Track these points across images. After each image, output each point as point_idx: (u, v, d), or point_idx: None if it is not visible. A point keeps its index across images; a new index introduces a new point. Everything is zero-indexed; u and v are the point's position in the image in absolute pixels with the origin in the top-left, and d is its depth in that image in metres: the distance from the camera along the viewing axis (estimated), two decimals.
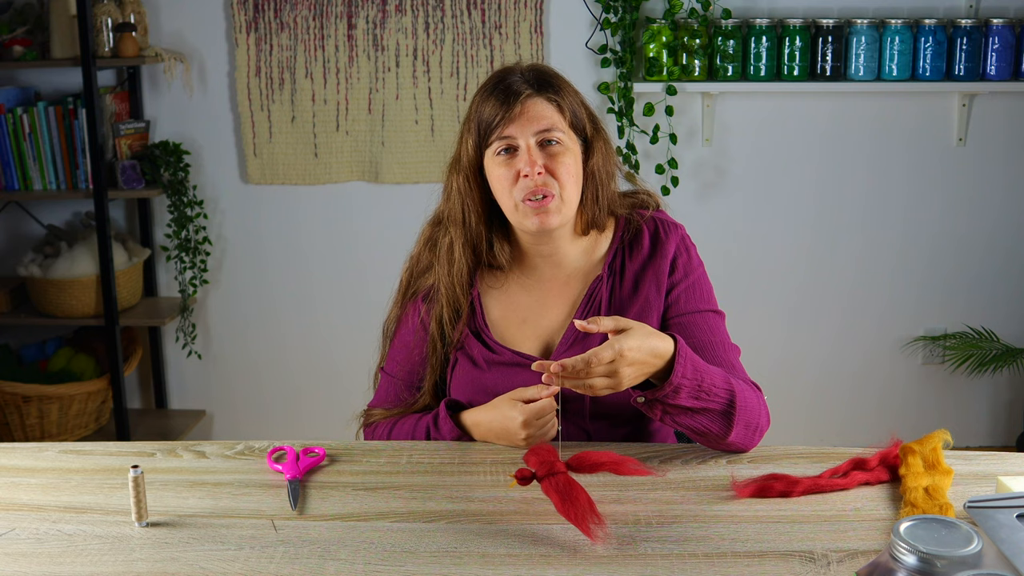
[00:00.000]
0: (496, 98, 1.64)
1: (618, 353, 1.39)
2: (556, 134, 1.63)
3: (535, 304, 1.74)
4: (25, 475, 1.55)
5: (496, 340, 1.72)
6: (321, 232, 3.57)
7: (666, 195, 3.39)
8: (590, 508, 1.34)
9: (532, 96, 1.63)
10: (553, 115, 1.64)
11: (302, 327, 3.65)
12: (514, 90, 1.63)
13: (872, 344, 3.60)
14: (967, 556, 1.06)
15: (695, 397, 1.47)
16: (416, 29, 3.38)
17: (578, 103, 1.69)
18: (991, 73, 3.29)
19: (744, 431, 1.55)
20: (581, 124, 1.67)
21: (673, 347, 1.45)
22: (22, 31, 3.32)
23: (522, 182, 1.61)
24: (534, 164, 1.60)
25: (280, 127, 3.46)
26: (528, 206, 1.62)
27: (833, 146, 3.46)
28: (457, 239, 1.71)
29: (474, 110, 1.66)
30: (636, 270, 1.71)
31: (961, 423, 3.63)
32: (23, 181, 3.35)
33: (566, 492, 1.36)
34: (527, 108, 1.62)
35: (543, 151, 1.62)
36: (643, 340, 1.41)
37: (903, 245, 3.52)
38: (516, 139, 1.62)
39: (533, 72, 1.67)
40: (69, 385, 3.35)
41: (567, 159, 1.63)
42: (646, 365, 1.42)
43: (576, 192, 1.65)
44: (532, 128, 1.62)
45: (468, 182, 1.68)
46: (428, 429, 1.70)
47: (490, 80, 1.67)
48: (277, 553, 1.32)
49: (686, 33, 3.29)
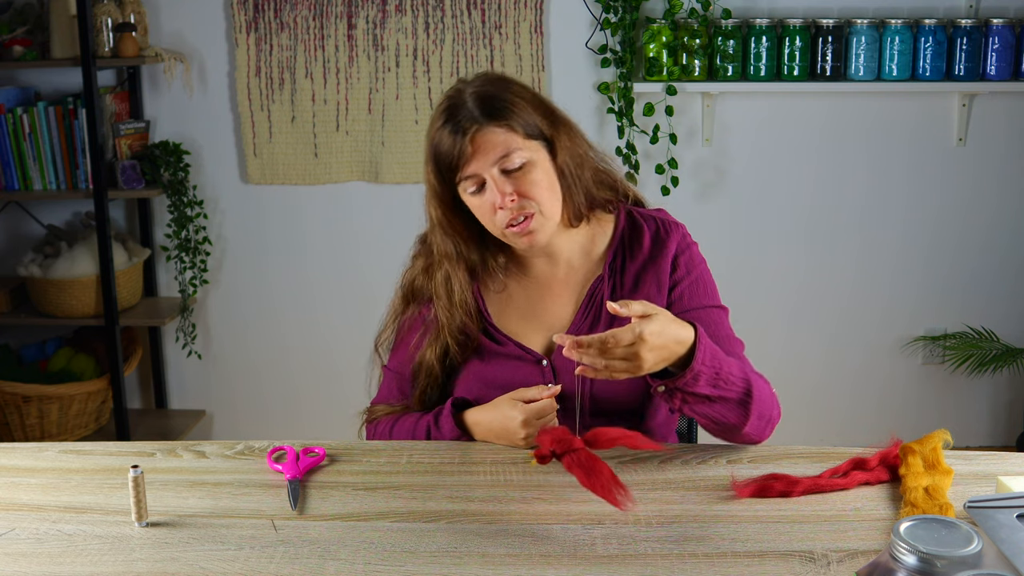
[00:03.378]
0: (449, 136, 1.61)
1: (639, 336, 1.39)
2: (515, 156, 1.60)
3: (536, 301, 1.74)
4: (25, 475, 1.55)
5: (501, 332, 1.72)
6: (321, 232, 3.57)
7: (666, 195, 3.39)
8: (614, 479, 1.36)
9: (481, 128, 1.60)
10: (506, 138, 1.61)
11: (302, 327, 3.65)
12: (463, 126, 1.60)
13: (872, 344, 3.60)
14: (967, 556, 1.06)
15: (713, 385, 1.48)
16: (416, 29, 3.38)
17: (528, 107, 1.64)
18: (991, 73, 3.29)
19: (758, 422, 1.56)
20: (536, 130, 1.64)
21: (694, 335, 1.45)
22: (22, 31, 3.32)
23: (500, 213, 1.61)
24: (504, 195, 1.60)
25: (280, 127, 3.46)
26: (512, 232, 1.63)
27: (833, 146, 3.46)
28: (453, 271, 1.71)
29: (431, 146, 1.65)
30: (637, 270, 1.71)
31: (961, 423, 3.63)
32: (23, 181, 3.35)
33: (589, 466, 1.38)
34: (479, 142, 1.60)
35: (509, 177, 1.61)
36: (665, 326, 1.42)
37: (903, 245, 3.52)
38: (479, 174, 1.61)
39: (479, 99, 1.62)
40: (69, 385, 3.35)
41: (534, 175, 1.62)
42: (666, 351, 1.42)
43: (555, 200, 1.65)
44: (489, 160, 1.60)
45: (447, 214, 1.68)
46: (428, 428, 1.70)
47: (440, 111, 1.64)
48: (277, 553, 1.32)
49: (686, 33, 3.29)
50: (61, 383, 3.35)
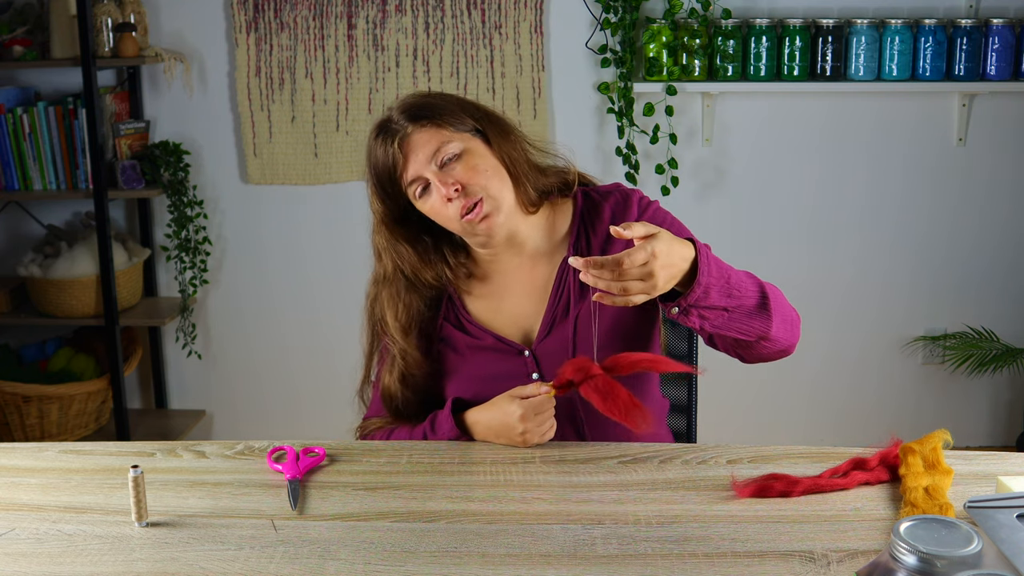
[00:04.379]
0: (380, 149, 1.66)
1: (651, 254, 1.39)
2: (448, 148, 1.64)
3: (508, 293, 1.75)
4: (25, 475, 1.55)
5: (476, 324, 1.73)
6: (321, 232, 3.57)
7: (666, 195, 3.39)
8: (632, 402, 1.38)
9: (410, 132, 1.65)
10: (436, 134, 1.64)
11: (302, 327, 3.65)
12: (392, 133, 1.65)
13: (872, 344, 3.60)
14: (967, 556, 1.06)
15: (728, 295, 1.48)
16: (416, 29, 3.38)
17: (453, 108, 1.68)
18: (991, 73, 3.29)
19: (783, 324, 1.58)
20: (466, 123, 1.67)
21: (694, 250, 1.46)
22: (22, 31, 3.32)
23: (450, 206, 1.63)
24: (447, 186, 1.62)
25: (280, 127, 3.47)
26: (468, 222, 1.63)
27: (833, 146, 3.46)
28: (391, 296, 1.74)
29: (369, 170, 1.70)
30: (601, 243, 1.72)
31: (961, 423, 3.63)
32: (23, 181, 3.35)
33: (607, 391, 1.40)
34: (411, 145, 1.64)
35: (447, 170, 1.63)
36: (671, 243, 1.42)
37: (903, 245, 3.52)
38: (420, 175, 1.64)
39: (403, 110, 1.68)
40: (69, 385, 3.35)
41: (472, 160, 1.64)
42: (674, 268, 1.43)
43: (500, 182, 1.66)
44: (424, 157, 1.63)
45: (390, 239, 1.72)
46: (424, 434, 1.71)
47: (370, 137, 1.70)
48: (277, 553, 1.32)
49: (686, 33, 3.29)
50: (61, 383, 3.35)
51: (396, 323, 1.73)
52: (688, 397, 2.01)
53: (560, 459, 1.58)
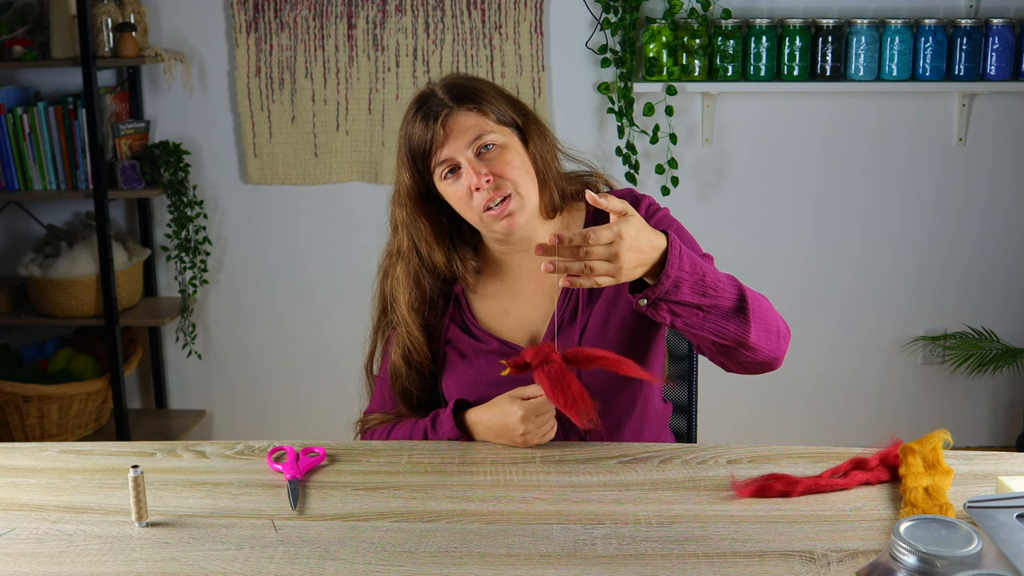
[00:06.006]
0: (420, 124, 1.64)
1: (617, 235, 1.38)
2: (488, 137, 1.63)
3: (515, 296, 1.74)
4: (25, 475, 1.55)
5: (482, 329, 1.73)
6: (321, 232, 3.57)
7: (666, 195, 3.39)
8: (580, 396, 1.35)
9: (452, 112, 1.63)
10: (479, 121, 1.63)
11: (302, 327, 3.65)
12: (434, 111, 1.63)
13: (872, 344, 3.60)
14: (967, 556, 1.06)
15: (701, 293, 1.45)
16: (416, 29, 3.38)
17: (499, 98, 1.68)
18: (991, 73, 3.29)
19: (764, 333, 1.54)
20: (508, 117, 1.67)
21: (666, 242, 1.43)
22: (22, 31, 3.32)
23: (476, 196, 1.62)
24: (480, 175, 1.61)
25: (280, 127, 3.46)
26: (490, 215, 1.63)
27: (833, 146, 3.46)
28: (405, 272, 1.72)
29: (403, 141, 1.67)
30: None
31: (961, 423, 3.63)
32: (23, 181, 3.35)
33: (557, 379, 1.38)
34: (451, 125, 1.63)
35: (483, 159, 1.63)
36: (641, 229, 1.40)
37: (903, 245, 3.52)
38: (454, 158, 1.63)
39: (448, 88, 1.66)
40: (69, 385, 3.35)
41: (508, 156, 1.64)
42: (643, 254, 1.40)
43: (530, 182, 1.66)
44: (463, 141, 1.62)
45: (411, 212, 1.69)
46: (425, 431, 1.71)
47: (410, 108, 1.68)
48: (277, 553, 1.32)
49: (686, 33, 3.29)
50: (61, 383, 3.35)
51: (405, 301, 1.72)
52: (688, 397, 2.01)
53: (560, 459, 1.58)
